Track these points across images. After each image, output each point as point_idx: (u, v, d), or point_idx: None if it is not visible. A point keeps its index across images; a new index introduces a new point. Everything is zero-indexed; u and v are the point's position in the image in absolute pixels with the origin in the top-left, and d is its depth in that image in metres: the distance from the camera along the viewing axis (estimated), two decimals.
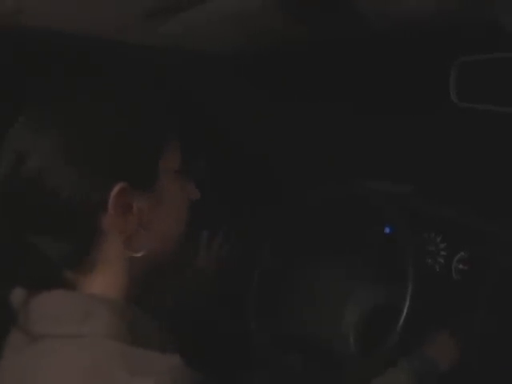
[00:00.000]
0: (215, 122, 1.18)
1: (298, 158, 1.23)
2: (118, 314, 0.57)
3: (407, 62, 1.00)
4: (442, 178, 1.05)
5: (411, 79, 1.02)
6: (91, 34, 0.80)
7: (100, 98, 0.61)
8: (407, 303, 0.85)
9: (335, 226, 1.03)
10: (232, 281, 1.06)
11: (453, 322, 0.92)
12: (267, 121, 1.22)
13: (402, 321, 0.84)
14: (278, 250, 1.03)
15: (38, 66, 0.82)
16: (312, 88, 1.13)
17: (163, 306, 0.92)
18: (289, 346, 0.99)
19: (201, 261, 1.06)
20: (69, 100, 0.60)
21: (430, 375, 0.83)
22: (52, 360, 0.54)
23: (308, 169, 1.21)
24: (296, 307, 1.04)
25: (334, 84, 1.11)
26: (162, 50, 0.93)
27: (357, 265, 1.05)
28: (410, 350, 0.85)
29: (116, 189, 0.57)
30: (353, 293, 1.02)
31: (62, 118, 0.58)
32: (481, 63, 0.84)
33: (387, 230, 1.03)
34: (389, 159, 1.11)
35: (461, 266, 0.96)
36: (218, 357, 1.03)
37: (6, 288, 0.59)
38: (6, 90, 0.76)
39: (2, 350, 0.59)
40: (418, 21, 0.83)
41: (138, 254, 0.60)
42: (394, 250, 0.92)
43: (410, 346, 0.86)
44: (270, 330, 0.98)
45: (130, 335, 0.56)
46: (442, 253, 0.98)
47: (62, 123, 0.58)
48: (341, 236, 1.04)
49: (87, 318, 0.55)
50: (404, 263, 0.88)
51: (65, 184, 0.56)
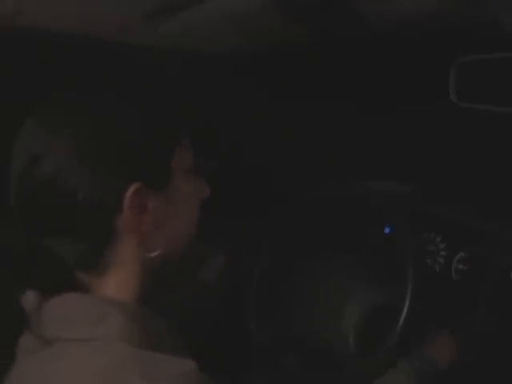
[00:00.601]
0: (214, 122, 1.18)
1: (298, 158, 1.23)
2: (130, 317, 0.57)
3: (407, 61, 1.00)
4: (441, 177, 1.05)
5: (411, 79, 1.02)
6: (91, 35, 0.80)
7: (111, 98, 0.61)
8: (407, 303, 0.85)
9: (335, 226, 1.03)
10: (232, 281, 1.06)
11: (453, 322, 0.92)
12: (266, 121, 1.22)
13: (401, 321, 0.84)
14: (277, 250, 1.03)
15: (38, 67, 0.82)
16: (311, 88, 1.13)
17: (174, 307, 0.92)
18: (288, 346, 0.99)
19: (206, 272, 1.05)
20: (81, 101, 0.60)
21: (430, 375, 0.83)
22: (65, 363, 0.54)
23: (308, 169, 1.21)
24: (295, 307, 1.04)
25: (334, 84, 1.11)
26: (162, 50, 0.93)
27: (356, 265, 1.05)
28: (410, 350, 0.85)
29: (131, 189, 0.57)
30: (353, 293, 1.02)
31: (75, 119, 0.58)
32: (480, 63, 0.84)
33: (387, 230, 1.02)
34: (388, 159, 1.11)
35: (461, 266, 0.96)
36: (218, 357, 1.03)
37: (20, 290, 0.59)
38: (6, 90, 0.76)
39: (15, 353, 0.59)
40: (417, 21, 0.83)
41: (152, 254, 0.60)
42: (394, 250, 0.92)
43: (410, 346, 0.86)
44: (270, 330, 0.98)
45: (142, 338, 0.56)
46: (442, 253, 0.98)
47: (76, 124, 0.57)
48: (340, 236, 1.04)
49: (100, 322, 0.55)
50: (404, 263, 0.88)
51: (80, 185, 0.56)
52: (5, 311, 0.63)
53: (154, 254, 0.60)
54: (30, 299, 0.58)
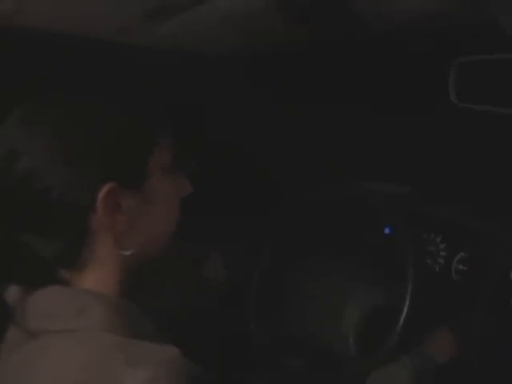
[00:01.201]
0: (214, 122, 1.18)
1: (298, 159, 1.23)
2: (112, 308, 0.57)
3: (407, 62, 1.00)
4: (441, 178, 1.05)
5: (410, 80, 1.03)
6: (91, 35, 0.80)
7: (89, 98, 0.61)
8: (407, 304, 0.85)
9: (335, 227, 1.03)
10: (232, 282, 1.06)
11: (453, 323, 0.92)
12: (266, 121, 1.22)
13: (401, 321, 0.84)
14: (277, 251, 1.03)
15: (37, 66, 0.82)
16: (311, 89, 1.13)
17: (163, 307, 0.92)
18: (288, 346, 0.99)
19: (210, 271, 1.05)
20: (59, 100, 0.61)
21: (430, 372, 0.83)
22: (50, 355, 0.54)
23: (307, 169, 1.21)
24: (296, 308, 1.04)
25: (334, 85, 1.11)
26: (162, 50, 0.93)
27: (356, 265, 1.05)
28: (410, 350, 0.85)
29: (104, 189, 0.57)
30: (353, 293, 1.02)
31: (52, 118, 0.58)
32: (480, 64, 0.84)
33: (387, 230, 1.02)
34: (388, 160, 1.11)
35: (461, 267, 0.96)
36: (219, 358, 1.03)
37: (2, 285, 0.60)
38: (6, 90, 0.76)
39: (0, 347, 0.59)
40: (417, 22, 0.83)
41: (127, 253, 0.60)
42: (394, 250, 0.92)
43: (410, 346, 0.86)
44: (270, 331, 0.98)
45: (124, 328, 0.56)
46: (442, 253, 0.98)
47: (53, 123, 0.58)
48: (340, 237, 1.04)
49: (82, 313, 0.56)
50: (404, 264, 0.88)
51: (54, 183, 0.56)
52: None
53: (129, 253, 0.60)
54: (13, 293, 0.59)
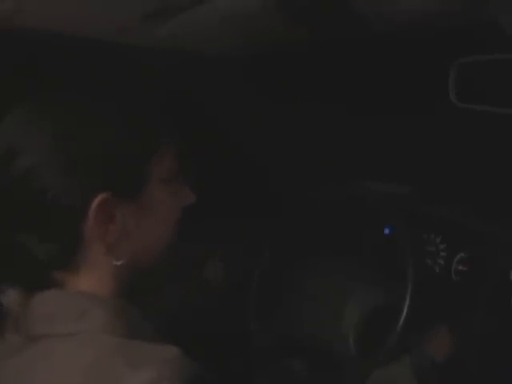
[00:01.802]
0: (214, 123, 1.18)
1: (298, 159, 1.23)
2: (111, 310, 0.57)
3: (407, 62, 1.00)
4: (441, 178, 1.05)
5: (410, 80, 1.03)
6: (90, 36, 0.80)
7: (89, 100, 0.61)
8: (407, 304, 0.85)
9: (335, 227, 1.03)
10: (232, 282, 1.06)
11: (453, 323, 0.92)
12: (266, 121, 1.22)
13: (401, 322, 0.84)
14: (277, 251, 1.03)
15: (37, 67, 0.82)
16: (311, 89, 1.13)
17: (163, 307, 0.92)
18: (289, 347, 0.99)
19: (210, 271, 1.05)
20: (59, 100, 0.60)
21: (430, 371, 0.83)
22: (51, 360, 0.54)
23: (307, 169, 1.21)
24: (296, 308, 1.04)
25: (334, 85, 1.11)
26: (162, 51, 0.93)
27: (356, 266, 1.04)
28: (410, 350, 0.85)
29: (98, 199, 0.57)
30: (352, 294, 1.02)
31: (52, 118, 0.58)
32: (480, 64, 0.84)
33: (387, 230, 1.02)
34: (388, 160, 1.11)
35: (460, 267, 0.96)
36: (219, 358, 1.03)
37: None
38: (6, 90, 0.76)
39: (1, 351, 0.58)
40: (417, 22, 0.83)
41: (118, 262, 0.60)
42: (394, 250, 0.92)
43: (410, 346, 0.86)
44: (270, 331, 0.98)
45: (124, 330, 0.56)
46: (442, 254, 0.98)
47: (52, 123, 0.58)
48: (340, 237, 1.04)
49: (82, 316, 0.56)
50: (404, 264, 0.88)
51: (50, 184, 0.56)
52: None
53: (120, 262, 0.60)
54: (12, 298, 0.58)
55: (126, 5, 0.72)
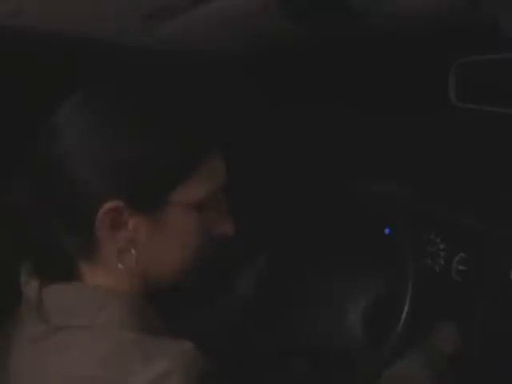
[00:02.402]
0: (214, 123, 1.18)
1: (298, 159, 1.23)
2: (128, 307, 0.59)
3: (406, 62, 1.00)
4: (441, 178, 1.05)
5: (410, 80, 1.03)
6: (91, 36, 0.81)
7: (131, 114, 0.59)
8: (407, 304, 0.85)
9: (335, 227, 1.03)
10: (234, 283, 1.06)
11: (455, 321, 0.92)
12: (266, 121, 1.22)
13: (401, 322, 0.84)
14: (277, 250, 1.03)
15: (37, 67, 0.82)
16: (311, 88, 1.13)
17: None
18: (290, 346, 0.99)
19: (243, 287, 1.03)
20: (105, 98, 0.60)
21: (441, 364, 0.83)
22: (69, 350, 0.55)
23: (307, 169, 1.21)
24: (296, 308, 1.03)
25: (334, 85, 1.11)
26: (162, 51, 0.93)
27: (356, 266, 1.04)
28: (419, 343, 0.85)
29: (106, 207, 0.56)
30: (352, 295, 1.02)
31: (91, 114, 0.59)
32: (479, 64, 0.84)
33: (387, 231, 1.02)
34: (388, 160, 1.11)
35: (461, 267, 0.96)
36: (220, 360, 1.02)
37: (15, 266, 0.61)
38: (6, 90, 0.77)
39: (20, 340, 0.60)
40: (417, 22, 0.83)
41: (125, 269, 0.60)
42: (394, 250, 0.92)
43: (410, 347, 0.85)
44: (270, 331, 0.98)
45: (140, 325, 0.57)
46: (442, 254, 0.98)
47: (90, 119, 0.58)
48: (340, 237, 1.04)
49: (101, 310, 0.57)
50: (404, 264, 0.88)
51: (75, 174, 0.57)
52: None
53: (127, 271, 0.60)
54: (34, 289, 0.59)
55: (126, 5, 0.72)
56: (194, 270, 0.64)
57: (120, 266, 0.59)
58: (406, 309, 0.84)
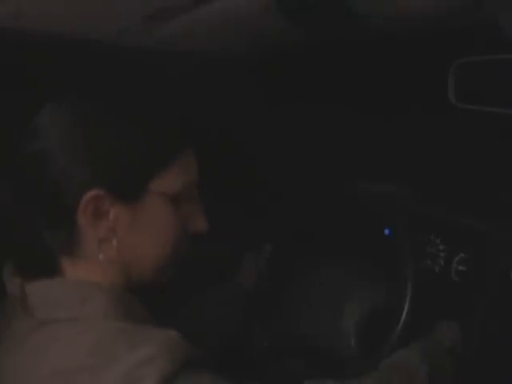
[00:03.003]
0: (215, 123, 1.18)
1: (298, 159, 1.23)
2: (114, 298, 0.60)
3: (406, 63, 1.00)
4: (441, 179, 1.05)
5: (410, 80, 1.03)
6: (91, 37, 0.81)
7: (108, 105, 0.62)
8: (407, 305, 0.85)
9: (335, 228, 1.03)
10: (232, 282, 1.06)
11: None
12: (266, 122, 1.22)
13: (401, 322, 0.84)
14: (276, 251, 1.03)
15: (38, 68, 0.82)
16: (311, 89, 1.14)
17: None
18: (289, 346, 0.99)
19: (248, 275, 1.03)
20: (83, 99, 0.62)
21: (439, 358, 0.83)
22: (58, 343, 0.56)
23: (307, 169, 1.21)
24: (295, 308, 1.04)
25: (334, 85, 1.12)
26: (163, 52, 0.94)
27: (356, 267, 1.04)
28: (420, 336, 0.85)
29: (89, 194, 0.58)
30: (353, 294, 1.02)
31: (71, 113, 0.61)
32: (479, 64, 0.84)
33: (387, 231, 1.02)
34: (388, 160, 1.12)
35: (460, 268, 0.96)
36: (219, 361, 1.02)
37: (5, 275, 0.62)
38: (6, 90, 0.77)
39: (8, 337, 0.60)
40: (416, 22, 0.83)
41: (107, 260, 0.61)
42: (394, 251, 0.92)
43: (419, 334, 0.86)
44: (270, 331, 0.98)
45: (124, 315, 0.58)
46: (442, 254, 0.98)
47: (69, 117, 0.60)
48: (340, 237, 1.04)
49: (86, 302, 0.58)
50: (403, 265, 0.88)
51: (54, 169, 0.59)
52: None
53: (108, 261, 0.61)
54: (17, 286, 0.60)
55: (126, 6, 0.72)
56: (172, 266, 0.66)
57: (101, 256, 0.60)
58: (405, 309, 0.84)
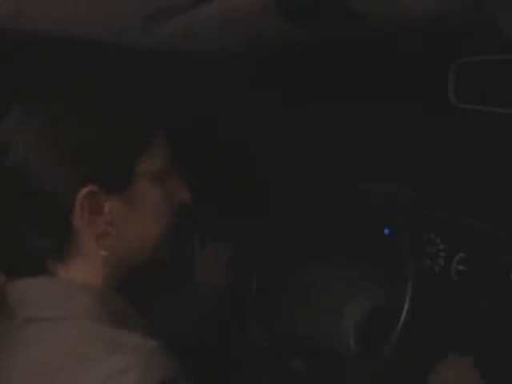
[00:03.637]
0: (215, 123, 1.18)
1: (298, 159, 1.23)
2: (99, 298, 0.59)
3: (405, 63, 1.00)
4: (441, 178, 1.05)
5: (410, 80, 1.03)
6: (91, 37, 0.81)
7: (79, 100, 0.62)
8: (407, 304, 0.85)
9: (335, 227, 1.03)
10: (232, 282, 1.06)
11: (453, 323, 0.92)
12: (267, 121, 1.22)
13: (401, 322, 0.84)
14: (276, 251, 1.03)
15: (38, 68, 0.82)
16: (311, 89, 1.14)
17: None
18: (289, 347, 0.99)
19: (206, 273, 1.03)
20: (51, 99, 0.62)
21: None
22: (40, 342, 0.56)
23: (307, 169, 1.21)
24: (295, 308, 1.04)
25: (333, 85, 1.12)
26: (162, 52, 0.94)
27: (356, 266, 1.04)
28: (410, 351, 0.85)
29: (84, 191, 0.58)
30: (352, 294, 1.02)
31: (45, 116, 0.60)
32: (479, 64, 0.84)
33: (387, 231, 1.02)
34: (387, 160, 1.11)
35: (460, 267, 0.96)
36: (219, 362, 1.03)
37: None
38: (6, 91, 0.77)
39: None
40: (416, 22, 0.83)
41: (107, 254, 0.61)
42: (394, 251, 0.92)
43: (410, 348, 0.86)
44: (270, 331, 0.98)
45: (105, 317, 0.58)
46: (442, 254, 0.98)
47: (45, 121, 0.60)
48: (340, 237, 1.04)
49: (68, 302, 0.58)
50: (403, 264, 0.88)
51: (41, 178, 0.58)
52: None
53: (108, 253, 0.61)
54: (1, 285, 0.60)
55: (126, 6, 0.72)
56: (168, 241, 0.67)
57: (102, 252, 0.61)
58: (405, 309, 0.84)
